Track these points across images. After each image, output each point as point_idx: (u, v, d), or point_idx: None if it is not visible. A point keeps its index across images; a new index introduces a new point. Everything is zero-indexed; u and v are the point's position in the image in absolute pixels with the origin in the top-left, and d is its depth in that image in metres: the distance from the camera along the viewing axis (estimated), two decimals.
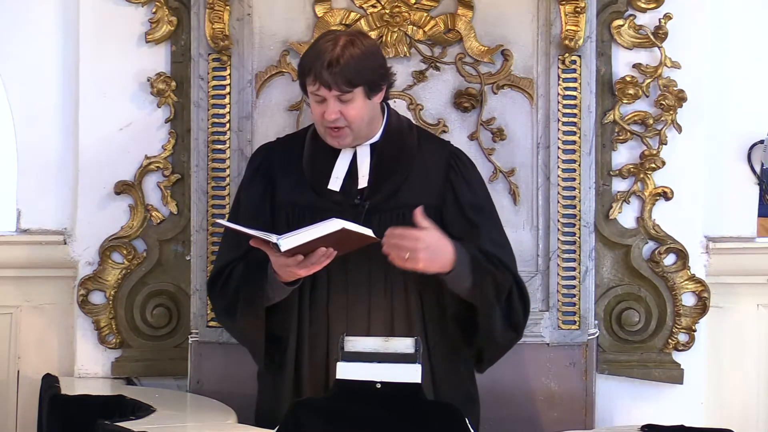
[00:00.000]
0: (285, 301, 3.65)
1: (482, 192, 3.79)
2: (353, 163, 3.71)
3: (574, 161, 4.24)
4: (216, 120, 4.24)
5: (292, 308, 3.68)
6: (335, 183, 3.69)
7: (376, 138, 3.72)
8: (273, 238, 3.43)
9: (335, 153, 3.71)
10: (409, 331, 3.62)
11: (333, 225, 3.43)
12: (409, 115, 4.18)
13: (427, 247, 3.51)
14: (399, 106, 4.17)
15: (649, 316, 4.40)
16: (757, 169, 4.50)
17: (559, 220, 4.22)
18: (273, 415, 3.63)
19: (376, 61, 3.64)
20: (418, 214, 3.53)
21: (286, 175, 3.75)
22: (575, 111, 4.24)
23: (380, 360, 3.33)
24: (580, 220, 4.23)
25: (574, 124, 4.24)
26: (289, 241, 3.43)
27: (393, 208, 3.67)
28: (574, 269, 4.23)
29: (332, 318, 3.66)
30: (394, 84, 3.80)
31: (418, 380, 3.30)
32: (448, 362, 3.72)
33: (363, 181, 3.69)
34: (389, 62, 4.12)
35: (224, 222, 3.66)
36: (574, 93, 4.24)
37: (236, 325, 3.74)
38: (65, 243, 4.42)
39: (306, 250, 3.46)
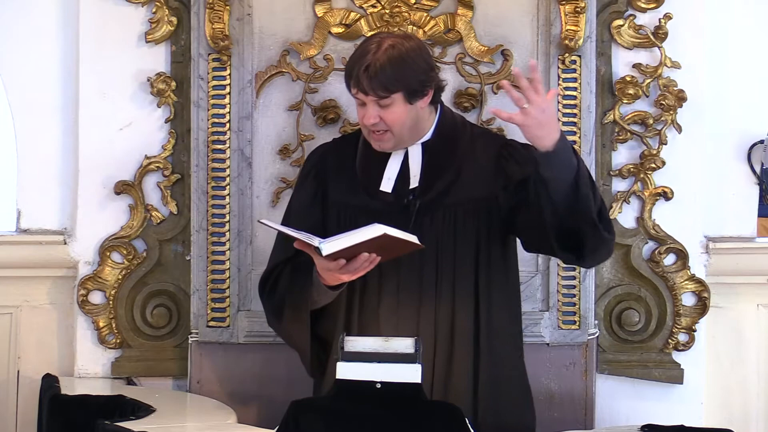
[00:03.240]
0: (332, 305, 3.63)
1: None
2: (405, 163, 3.68)
3: None
4: (216, 120, 4.25)
5: (339, 313, 3.66)
6: (387, 184, 3.66)
7: (427, 137, 3.68)
8: (315, 241, 3.40)
9: (387, 154, 3.67)
10: (453, 334, 3.60)
11: (375, 230, 3.38)
12: None
13: (543, 111, 3.37)
14: None
15: (649, 316, 4.40)
16: (757, 169, 4.50)
17: None
18: None
19: (416, 67, 3.57)
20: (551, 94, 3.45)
21: (339, 177, 3.72)
22: (575, 111, 4.24)
23: (380, 360, 3.32)
24: None
25: (574, 124, 4.24)
26: (330, 245, 3.39)
27: (445, 206, 3.63)
28: (574, 269, 4.23)
29: (382, 321, 3.62)
30: (445, 87, 3.72)
31: (418, 380, 3.30)
32: (501, 366, 3.68)
33: (414, 181, 3.66)
34: None
35: (267, 222, 3.61)
36: (574, 93, 4.24)
37: (283, 328, 3.72)
38: (65, 243, 4.42)
39: (348, 254, 3.42)
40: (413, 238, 3.44)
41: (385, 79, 3.53)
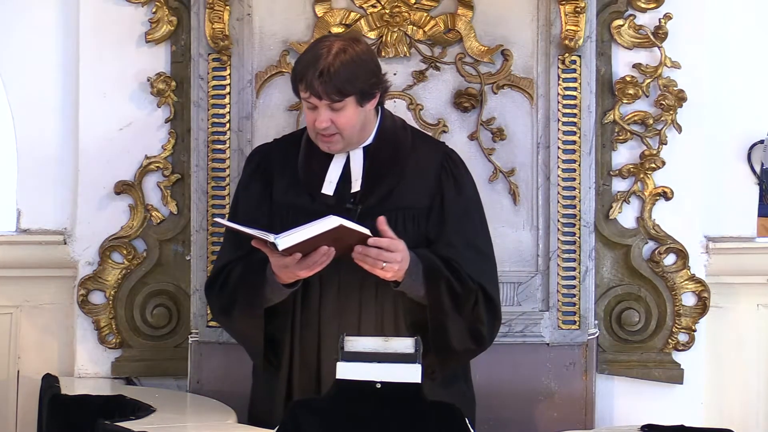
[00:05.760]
0: (282, 303, 3.64)
1: (470, 195, 3.74)
2: (347, 167, 3.69)
3: (574, 161, 4.24)
4: (216, 120, 4.25)
5: (289, 311, 3.67)
6: (329, 187, 3.67)
7: (369, 141, 3.70)
8: (271, 237, 3.42)
9: (329, 156, 3.69)
10: (397, 331, 3.61)
11: (331, 222, 3.41)
12: (408, 115, 4.18)
13: (403, 258, 3.52)
14: (399, 106, 4.18)
15: (649, 316, 4.40)
16: (757, 169, 4.50)
17: (559, 220, 4.23)
18: (266, 415, 3.65)
19: (368, 69, 3.60)
20: (382, 222, 3.52)
21: (283, 177, 3.73)
22: (575, 111, 4.24)
23: (380, 360, 3.32)
24: (580, 220, 4.23)
25: (574, 124, 4.24)
26: (286, 240, 3.41)
27: (386, 211, 3.63)
28: (574, 269, 4.23)
29: (323, 320, 3.65)
30: (390, 88, 3.75)
31: (418, 380, 3.30)
32: (447, 367, 3.68)
33: (356, 185, 3.67)
34: (389, 63, 4.16)
35: (223, 221, 3.65)
36: (574, 93, 4.24)
37: (234, 325, 3.74)
38: (65, 243, 4.42)
39: (304, 248, 3.45)
40: (366, 231, 3.47)
41: (340, 84, 3.53)
